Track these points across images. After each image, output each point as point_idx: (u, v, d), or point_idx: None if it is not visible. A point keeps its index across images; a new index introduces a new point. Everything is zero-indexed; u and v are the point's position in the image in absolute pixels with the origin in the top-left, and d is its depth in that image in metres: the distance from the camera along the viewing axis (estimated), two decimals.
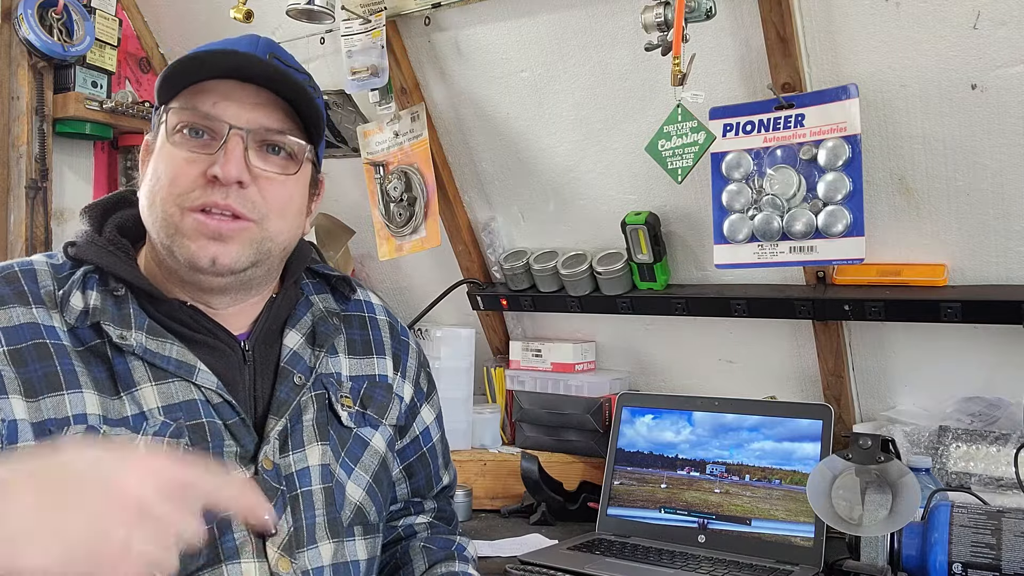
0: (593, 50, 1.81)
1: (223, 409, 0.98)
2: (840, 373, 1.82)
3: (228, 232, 0.96)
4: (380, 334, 1.19)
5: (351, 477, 1.07)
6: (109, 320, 0.95)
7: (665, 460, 1.73)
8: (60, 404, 0.91)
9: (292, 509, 0.99)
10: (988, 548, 1.29)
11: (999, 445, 1.60)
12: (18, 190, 2.11)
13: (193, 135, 0.97)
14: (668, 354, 2.09)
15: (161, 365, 0.96)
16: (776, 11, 1.53)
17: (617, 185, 1.95)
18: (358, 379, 1.12)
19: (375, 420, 1.12)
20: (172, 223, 0.96)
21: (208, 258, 0.95)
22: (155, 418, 0.94)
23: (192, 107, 0.97)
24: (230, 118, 0.96)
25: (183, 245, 0.96)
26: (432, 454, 1.24)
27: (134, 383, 0.95)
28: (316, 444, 1.04)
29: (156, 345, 0.97)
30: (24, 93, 2.09)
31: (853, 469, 1.40)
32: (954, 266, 1.64)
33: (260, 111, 0.98)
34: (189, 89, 0.98)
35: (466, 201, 2.20)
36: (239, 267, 0.98)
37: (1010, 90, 1.46)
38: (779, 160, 1.64)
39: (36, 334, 0.94)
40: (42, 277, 0.98)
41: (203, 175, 0.95)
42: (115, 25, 2.25)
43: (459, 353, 2.09)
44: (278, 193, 1.00)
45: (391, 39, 1.94)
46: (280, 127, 1.00)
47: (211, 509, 0.71)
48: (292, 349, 1.06)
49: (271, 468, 0.98)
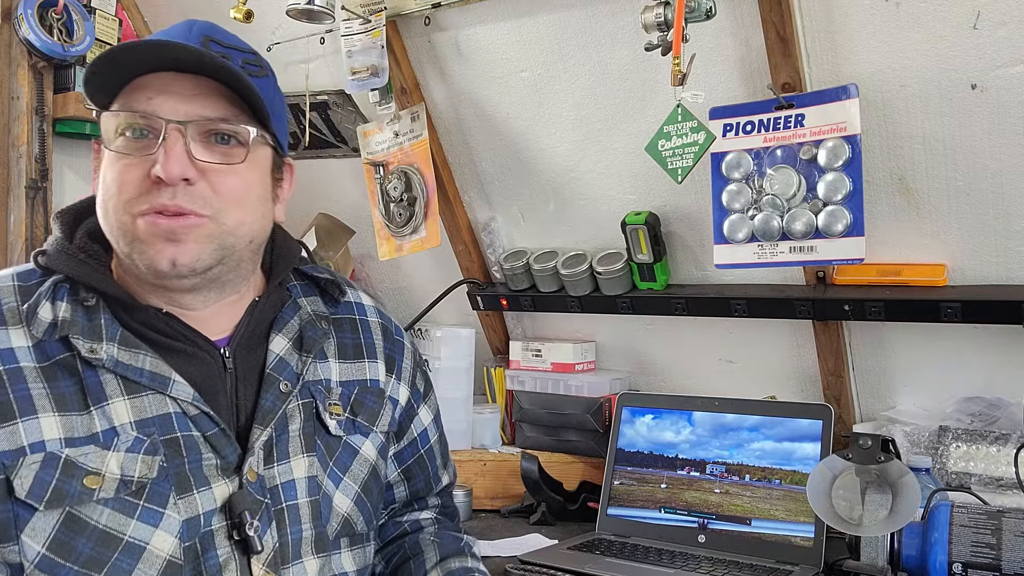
0: (593, 50, 1.81)
1: (201, 421, 0.94)
2: (840, 373, 1.82)
3: (182, 231, 0.92)
4: (372, 337, 1.15)
5: (339, 487, 1.04)
6: (78, 333, 0.92)
7: (665, 460, 1.73)
8: (14, 433, 0.87)
9: (277, 523, 0.97)
10: (988, 548, 1.29)
11: (999, 445, 1.60)
12: (18, 190, 2.11)
13: (135, 136, 0.93)
14: (668, 354, 2.09)
15: (134, 378, 0.92)
16: (776, 11, 1.53)
17: (617, 185, 1.95)
18: (348, 384, 1.09)
19: (365, 427, 1.09)
20: (127, 230, 0.93)
21: (167, 260, 0.92)
22: (127, 433, 0.90)
23: (128, 108, 0.93)
24: (166, 113, 0.92)
25: (141, 251, 0.92)
26: (430, 455, 1.23)
27: (105, 397, 0.91)
28: (302, 456, 1.01)
29: (128, 357, 0.93)
30: (24, 93, 2.09)
31: (853, 469, 1.40)
32: (954, 266, 1.64)
33: (199, 101, 0.93)
34: (125, 88, 0.94)
35: (466, 201, 2.20)
36: (201, 266, 0.94)
37: (1010, 90, 1.46)
38: (779, 160, 1.64)
39: None
40: (3, 295, 0.94)
41: (147, 178, 0.91)
42: (115, 25, 2.25)
43: (459, 353, 2.09)
44: (230, 184, 0.95)
45: (391, 39, 1.94)
46: (222, 115, 0.94)
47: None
48: (278, 355, 1.02)
49: (255, 480, 0.95)
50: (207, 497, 0.93)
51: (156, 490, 0.90)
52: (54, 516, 0.87)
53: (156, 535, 0.89)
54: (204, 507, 0.92)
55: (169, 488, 0.91)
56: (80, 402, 0.91)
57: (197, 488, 0.93)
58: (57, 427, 0.89)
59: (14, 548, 0.86)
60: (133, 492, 0.89)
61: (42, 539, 0.86)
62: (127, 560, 0.88)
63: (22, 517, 0.86)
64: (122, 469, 0.89)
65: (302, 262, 1.13)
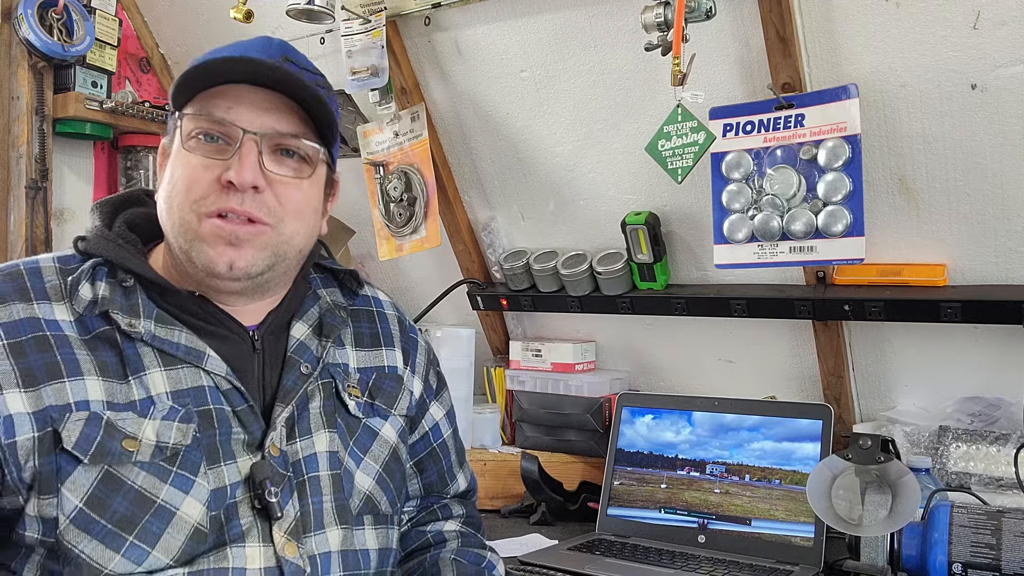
0: (593, 50, 1.81)
1: (232, 396, 0.99)
2: (840, 373, 1.82)
3: (245, 236, 0.97)
4: (389, 327, 1.20)
5: (360, 467, 1.07)
6: (118, 309, 0.97)
7: (665, 460, 1.73)
8: (61, 391, 0.91)
9: (299, 494, 1.00)
10: (988, 548, 1.29)
11: (999, 445, 1.60)
12: (18, 190, 2.11)
13: (208, 140, 0.98)
14: (668, 354, 2.09)
15: (170, 351, 0.97)
16: (776, 11, 1.53)
17: (617, 185, 1.95)
18: (366, 371, 1.14)
19: (384, 411, 1.13)
20: (190, 229, 0.97)
21: (225, 263, 0.97)
22: (163, 403, 0.95)
23: (206, 113, 0.98)
24: (243, 123, 0.97)
25: (201, 250, 0.97)
26: (444, 450, 1.24)
27: (143, 367, 0.96)
28: (324, 431, 1.05)
29: (165, 332, 0.98)
30: (24, 93, 2.09)
31: (853, 469, 1.40)
32: (954, 266, 1.64)
33: (273, 115, 0.99)
34: (203, 94, 0.99)
35: (466, 201, 2.20)
36: (255, 271, 0.99)
37: (1010, 90, 1.46)
38: (779, 160, 1.64)
39: (36, 328, 0.94)
40: (47, 274, 0.99)
41: (218, 180, 0.96)
42: (115, 25, 2.25)
43: (459, 353, 2.09)
44: (293, 196, 1.01)
45: (391, 39, 1.94)
46: (293, 131, 1.00)
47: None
48: (299, 339, 1.08)
49: (278, 455, 0.99)
50: (233, 470, 0.96)
51: (188, 458, 0.94)
52: (94, 472, 0.90)
53: (186, 501, 0.93)
54: (230, 479, 0.96)
55: (200, 457, 0.95)
56: (120, 371, 0.95)
57: (224, 461, 0.96)
58: (100, 390, 0.93)
59: (52, 501, 0.89)
60: (167, 458, 0.93)
61: (81, 493, 0.89)
62: (157, 523, 0.91)
63: (64, 470, 0.90)
64: (158, 436, 0.93)
65: (321, 258, 1.18)
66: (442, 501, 1.26)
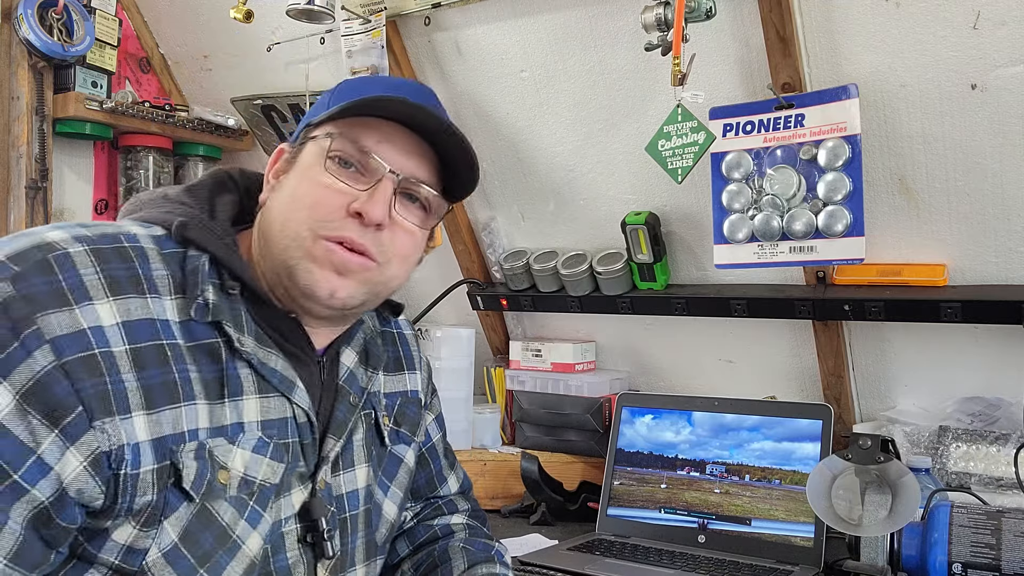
0: (593, 50, 1.81)
1: (304, 429, 0.96)
2: (840, 373, 1.82)
3: (354, 267, 0.94)
4: (409, 348, 1.20)
5: (388, 495, 1.09)
6: (228, 320, 0.91)
7: (665, 460, 1.73)
8: (178, 418, 0.85)
9: (341, 531, 1.00)
10: (988, 548, 1.29)
11: (999, 445, 1.60)
12: (18, 190, 2.11)
13: (343, 166, 0.95)
14: (668, 354, 2.09)
15: (268, 377, 0.93)
16: (776, 11, 1.53)
17: (617, 185, 1.95)
18: (392, 396, 1.13)
19: (408, 437, 1.14)
20: (302, 246, 0.93)
21: (327, 290, 0.93)
22: (252, 432, 0.91)
23: (355, 139, 0.95)
24: (389, 160, 0.95)
25: (307, 270, 0.93)
26: (432, 454, 1.25)
27: (242, 391, 0.91)
28: (364, 465, 1.04)
29: (264, 355, 0.93)
30: (24, 93, 2.09)
31: (853, 469, 1.40)
32: (954, 266, 1.64)
33: (415, 160, 0.97)
34: (350, 120, 0.97)
35: (466, 201, 2.19)
36: (352, 304, 0.96)
37: (1010, 90, 1.46)
38: (779, 160, 1.64)
39: (154, 333, 0.85)
40: (152, 257, 0.89)
41: (346, 208, 0.93)
42: (115, 25, 2.25)
43: (459, 353, 2.09)
44: (406, 242, 0.99)
45: (391, 39, 1.94)
46: (428, 179, 0.99)
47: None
48: (349, 368, 1.05)
49: (324, 488, 0.98)
50: (288, 503, 0.94)
51: (264, 493, 0.91)
52: (194, 507, 0.86)
53: (252, 536, 0.90)
54: (285, 512, 0.94)
55: (272, 492, 0.92)
56: (218, 391, 0.89)
57: (283, 493, 0.94)
58: (207, 416, 0.88)
59: (151, 533, 0.84)
60: (250, 493, 0.90)
61: (179, 528, 0.85)
62: (226, 557, 0.88)
63: (171, 504, 0.84)
64: (246, 468, 0.89)
65: None
66: (447, 498, 1.27)
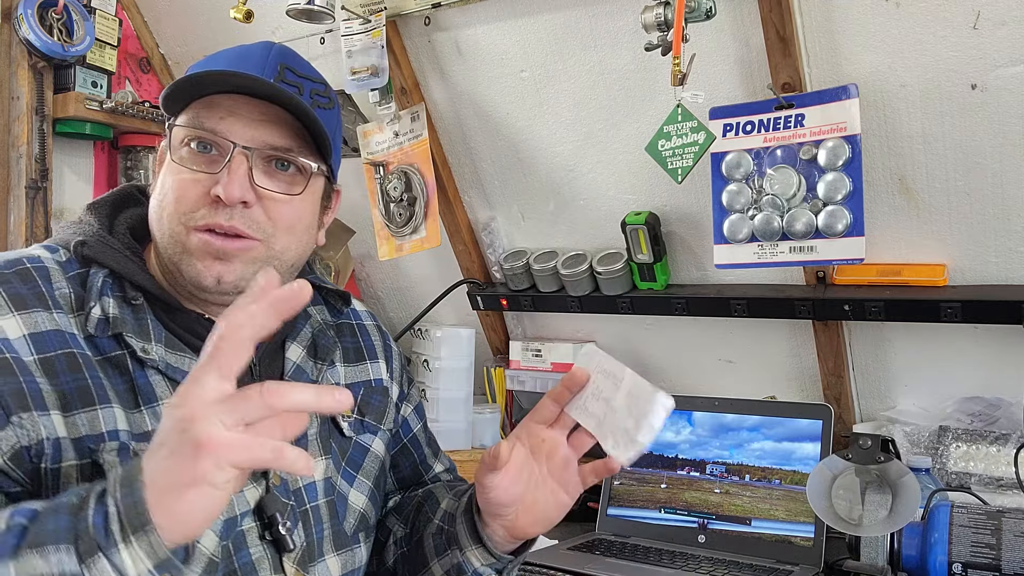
0: (593, 50, 1.81)
1: None
2: (840, 373, 1.82)
3: (233, 251, 0.95)
4: (370, 338, 1.20)
5: (353, 485, 1.08)
6: (131, 331, 0.93)
7: (665, 460, 1.73)
8: (94, 419, 0.88)
9: (303, 523, 1.00)
10: (988, 548, 1.29)
11: (999, 445, 1.60)
12: (18, 190, 2.11)
13: (201, 149, 0.95)
14: (668, 354, 2.09)
15: (181, 380, 0.92)
16: (776, 11, 1.53)
17: (617, 185, 1.95)
18: (355, 386, 1.13)
19: (374, 426, 1.13)
20: (179, 241, 0.95)
21: (213, 278, 0.94)
22: None
23: (198, 123, 0.95)
24: (235, 136, 0.95)
25: (189, 264, 0.95)
26: (415, 444, 1.25)
27: (156, 397, 0.93)
28: (320, 459, 1.04)
29: (175, 359, 0.95)
30: (24, 93, 2.09)
31: (853, 469, 1.40)
32: (954, 266, 1.64)
33: (266, 128, 0.96)
34: (198, 102, 0.97)
35: (466, 201, 2.20)
36: (244, 286, 0.95)
37: (1010, 90, 1.46)
38: (779, 160, 1.64)
39: (63, 343, 0.90)
40: (55, 277, 0.94)
41: (207, 194, 0.94)
42: (115, 25, 2.25)
43: (459, 353, 2.09)
44: (285, 212, 0.98)
45: (391, 39, 1.94)
46: (287, 144, 0.98)
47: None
48: (295, 363, 1.06)
49: (279, 484, 0.99)
50: (240, 499, 0.95)
51: None
52: None
53: (205, 535, 0.91)
54: (239, 508, 0.95)
55: None
56: (131, 400, 0.92)
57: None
58: (124, 419, 0.90)
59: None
60: None
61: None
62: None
63: None
64: None
65: (308, 271, 1.16)
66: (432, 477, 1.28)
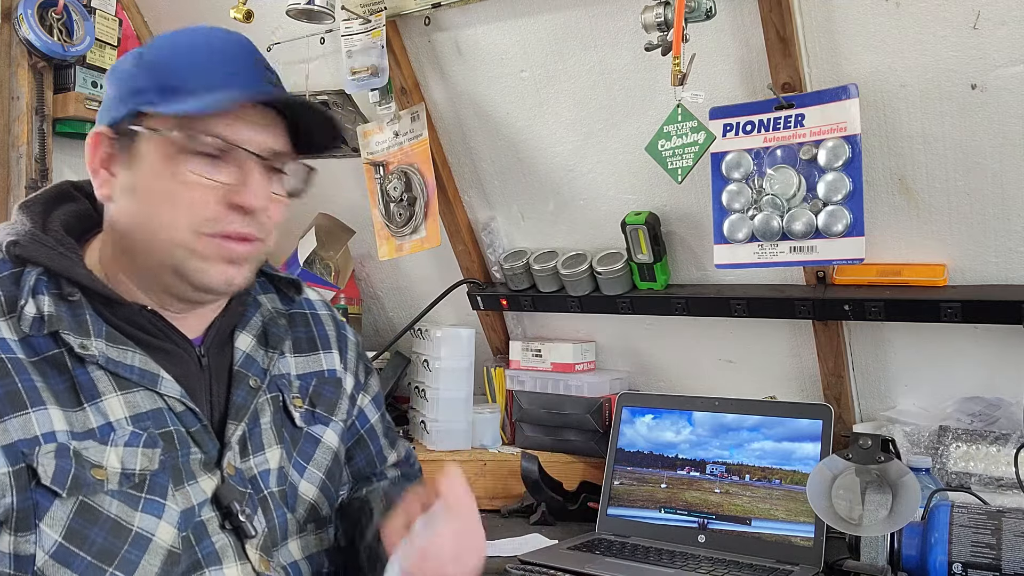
0: (593, 50, 1.81)
1: (186, 417, 0.97)
2: (840, 373, 1.82)
3: (245, 255, 0.97)
4: (324, 329, 1.20)
5: (304, 476, 1.08)
6: (67, 328, 0.91)
7: (665, 460, 1.73)
8: (27, 423, 0.87)
9: (263, 510, 1.00)
10: (988, 548, 1.29)
11: (999, 445, 1.60)
12: (18, 190, 2.11)
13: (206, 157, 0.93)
14: (668, 354, 2.09)
15: (124, 375, 0.93)
16: (776, 11, 1.53)
17: (617, 185, 1.95)
18: (306, 377, 1.13)
19: (325, 417, 1.13)
20: (187, 246, 0.93)
21: (224, 280, 0.95)
22: (123, 428, 0.91)
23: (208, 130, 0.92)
24: (246, 143, 0.94)
25: (197, 268, 0.94)
26: (371, 435, 1.25)
27: (98, 393, 0.91)
28: (276, 447, 1.05)
29: (117, 354, 0.93)
30: (24, 93, 2.09)
31: (853, 469, 1.40)
32: (954, 266, 1.64)
33: (268, 132, 0.97)
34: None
35: (466, 201, 2.19)
36: (246, 285, 0.99)
37: (1010, 90, 1.46)
38: (779, 160, 1.64)
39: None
40: None
41: (224, 202, 0.94)
42: (115, 25, 2.25)
43: (459, 353, 2.09)
44: (281, 211, 1.01)
45: (391, 39, 1.94)
46: (287, 149, 1.00)
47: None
48: (245, 352, 1.06)
49: (234, 473, 0.99)
50: (196, 490, 0.96)
51: (156, 482, 0.92)
52: (70, 504, 0.87)
53: (160, 526, 0.91)
54: (196, 499, 0.95)
55: (167, 480, 0.93)
56: (73, 398, 0.91)
57: (187, 481, 0.95)
58: (62, 419, 0.89)
59: (30, 537, 0.85)
60: (135, 485, 0.91)
61: (59, 528, 0.86)
62: (135, 551, 0.89)
63: (42, 505, 0.86)
64: (122, 463, 0.90)
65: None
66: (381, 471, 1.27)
